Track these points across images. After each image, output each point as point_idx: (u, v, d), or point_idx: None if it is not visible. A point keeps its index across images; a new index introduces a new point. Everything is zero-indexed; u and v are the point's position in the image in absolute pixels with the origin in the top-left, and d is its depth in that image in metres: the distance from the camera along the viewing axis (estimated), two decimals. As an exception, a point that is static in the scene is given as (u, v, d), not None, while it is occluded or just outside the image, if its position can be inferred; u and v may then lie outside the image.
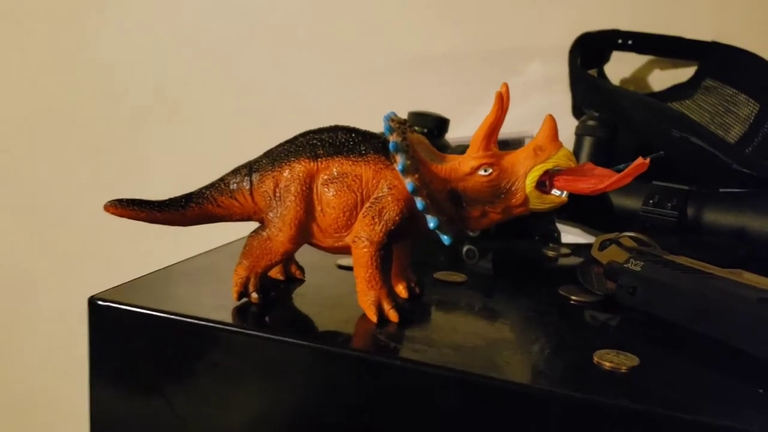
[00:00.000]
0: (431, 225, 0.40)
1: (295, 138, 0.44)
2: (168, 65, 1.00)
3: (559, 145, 0.41)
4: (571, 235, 0.66)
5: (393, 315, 0.42)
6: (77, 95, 1.05)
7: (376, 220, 0.41)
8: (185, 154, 1.00)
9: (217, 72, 0.98)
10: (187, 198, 0.45)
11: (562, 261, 0.61)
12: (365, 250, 0.41)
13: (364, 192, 0.42)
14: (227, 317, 0.42)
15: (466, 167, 0.41)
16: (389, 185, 0.42)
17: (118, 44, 1.02)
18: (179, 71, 1.00)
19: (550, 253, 0.62)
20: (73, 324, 0.49)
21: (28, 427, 1.17)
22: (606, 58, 0.79)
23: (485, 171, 0.41)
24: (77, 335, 0.44)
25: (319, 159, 0.43)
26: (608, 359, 0.38)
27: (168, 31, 0.99)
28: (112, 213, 0.44)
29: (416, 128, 0.68)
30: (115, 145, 1.04)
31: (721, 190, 0.57)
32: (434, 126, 0.68)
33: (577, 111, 0.73)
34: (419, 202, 0.40)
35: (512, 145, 0.72)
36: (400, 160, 0.40)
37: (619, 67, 0.80)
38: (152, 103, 1.01)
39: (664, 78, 0.81)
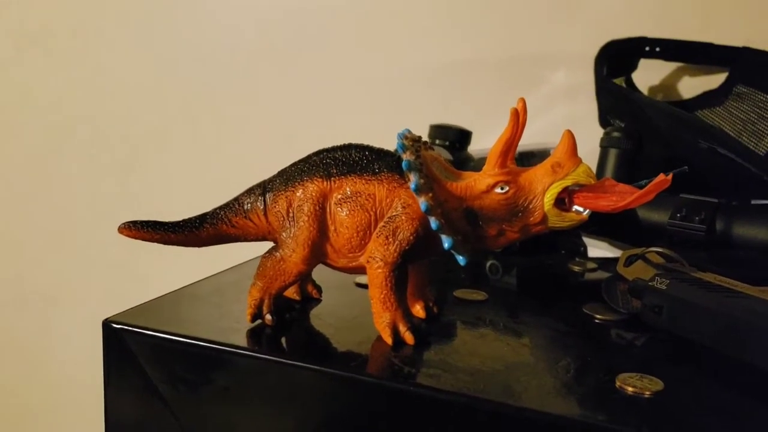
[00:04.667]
0: (446, 245, 0.39)
1: (309, 157, 0.44)
2: (191, 83, 1.01)
3: (578, 161, 0.40)
4: (598, 249, 0.64)
5: (409, 337, 0.41)
6: (103, 114, 1.06)
7: (390, 240, 0.40)
8: (209, 171, 1.00)
9: (239, 89, 0.98)
10: (202, 219, 0.45)
11: (588, 276, 0.59)
12: (379, 270, 0.40)
13: (378, 211, 0.42)
14: (241, 340, 0.41)
15: (482, 185, 0.40)
16: (403, 204, 0.41)
17: (142, 62, 1.03)
18: (202, 89, 1.00)
19: (576, 268, 0.60)
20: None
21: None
22: (633, 66, 0.77)
23: (502, 189, 0.40)
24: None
25: (332, 178, 0.42)
26: (631, 383, 0.36)
27: (191, 49, 1.00)
28: (127, 235, 0.44)
29: (438, 141, 0.67)
30: (139, 163, 1.05)
31: (753, 202, 0.56)
32: (456, 139, 0.67)
33: (604, 121, 0.71)
34: (433, 222, 0.39)
35: (538, 156, 0.71)
36: (413, 179, 0.39)
37: (648, 75, 0.79)
38: (176, 121, 1.02)
39: (694, 85, 0.79)
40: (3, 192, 1.15)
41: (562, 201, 0.40)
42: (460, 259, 0.40)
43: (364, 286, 0.50)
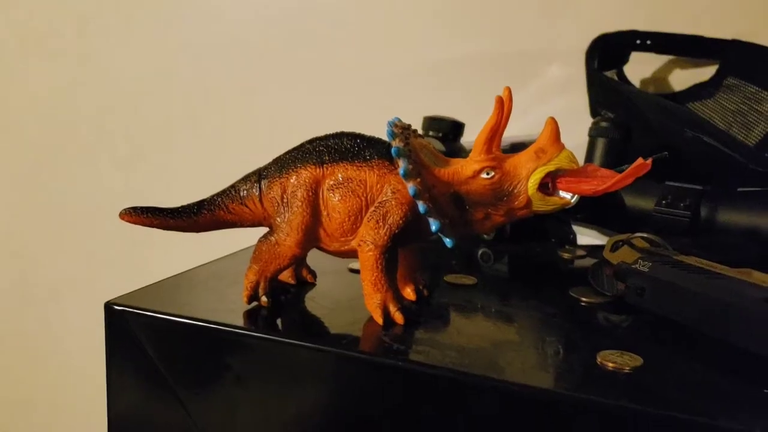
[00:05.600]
0: (433, 228, 0.41)
1: (302, 145, 0.45)
2: (193, 79, 1.02)
3: (561, 147, 0.41)
4: (587, 236, 0.66)
5: (398, 317, 0.42)
6: (106, 110, 1.08)
7: (381, 223, 0.42)
8: (210, 167, 1.02)
9: (239, 85, 1.00)
10: (199, 205, 0.47)
11: (577, 263, 0.60)
12: (370, 253, 0.42)
13: (369, 196, 0.43)
14: (238, 321, 0.43)
15: (469, 171, 0.42)
16: (393, 189, 0.42)
17: (144, 59, 1.05)
18: (203, 85, 1.02)
19: (566, 255, 0.62)
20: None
21: (50, 429, 1.20)
22: (625, 59, 0.78)
23: (487, 174, 0.41)
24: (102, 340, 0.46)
25: (324, 165, 0.44)
26: (611, 360, 0.38)
27: (192, 46, 1.02)
28: (128, 221, 0.46)
29: (431, 132, 0.68)
30: (142, 158, 1.07)
31: (739, 189, 0.57)
32: (449, 130, 0.69)
33: (595, 112, 0.73)
34: (421, 206, 0.40)
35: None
36: (401, 165, 0.41)
37: (639, 68, 0.80)
38: (177, 117, 1.04)
39: (684, 78, 0.80)
40: (8, 187, 1.17)
41: (546, 186, 0.41)
42: (447, 242, 0.41)
43: (358, 272, 0.52)
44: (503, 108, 0.41)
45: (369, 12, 0.92)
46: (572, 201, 0.41)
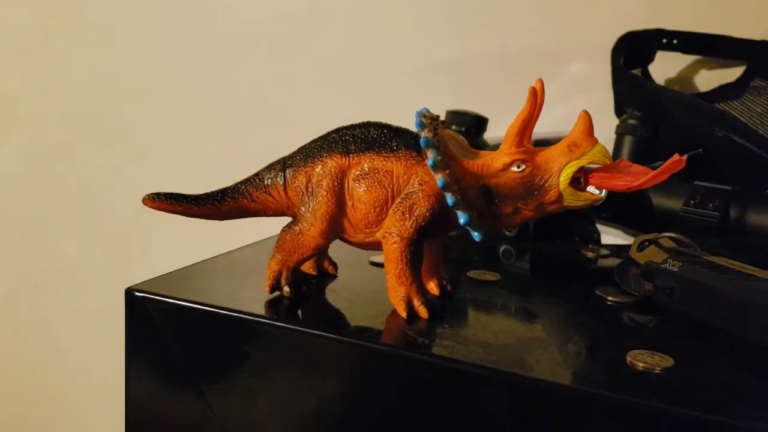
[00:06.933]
0: (461, 221, 0.40)
1: (328, 134, 0.45)
2: (213, 69, 1.02)
3: (594, 142, 0.40)
4: (611, 236, 0.65)
5: (422, 311, 0.42)
6: (127, 98, 1.08)
7: (407, 215, 0.41)
8: (230, 152, 1.02)
9: (259, 77, 0.99)
10: (223, 193, 0.46)
11: (601, 262, 0.60)
12: (395, 245, 0.41)
13: (395, 188, 0.42)
14: (259, 309, 0.42)
15: (499, 163, 0.41)
16: (420, 181, 0.42)
17: (166, 49, 1.04)
18: (224, 74, 1.01)
19: (589, 254, 0.61)
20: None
21: (68, 417, 1.20)
22: (651, 58, 0.77)
23: (518, 167, 0.40)
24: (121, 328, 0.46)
25: (350, 155, 0.43)
26: (642, 360, 0.37)
27: (213, 37, 1.01)
28: (150, 206, 0.45)
29: (454, 127, 0.67)
30: (163, 145, 1.06)
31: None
32: (472, 125, 0.68)
33: (620, 110, 0.72)
34: (449, 198, 0.40)
35: (553, 144, 0.71)
36: (430, 156, 0.40)
37: (665, 67, 0.79)
38: (199, 104, 1.03)
39: (710, 78, 0.79)
40: (25, 175, 1.17)
41: (578, 180, 0.40)
42: (476, 235, 0.40)
43: (379, 265, 0.51)
44: (536, 99, 0.40)
45: (393, 5, 0.91)
46: (602, 196, 0.41)
